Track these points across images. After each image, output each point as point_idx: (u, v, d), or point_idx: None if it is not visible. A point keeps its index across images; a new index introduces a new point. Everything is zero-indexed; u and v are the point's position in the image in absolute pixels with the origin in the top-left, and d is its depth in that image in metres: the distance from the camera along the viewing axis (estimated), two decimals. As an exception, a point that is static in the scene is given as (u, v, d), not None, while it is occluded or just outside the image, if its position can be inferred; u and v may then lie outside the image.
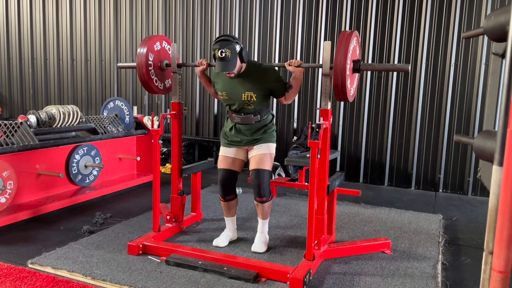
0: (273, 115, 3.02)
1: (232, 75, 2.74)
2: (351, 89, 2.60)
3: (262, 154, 2.88)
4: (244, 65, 2.77)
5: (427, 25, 4.77)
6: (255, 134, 2.91)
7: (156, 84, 3.12)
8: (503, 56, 1.30)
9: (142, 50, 2.97)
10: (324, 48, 2.64)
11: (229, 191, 3.00)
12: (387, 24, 4.91)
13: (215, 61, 2.72)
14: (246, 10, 5.60)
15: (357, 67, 2.55)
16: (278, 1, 5.41)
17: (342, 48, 2.41)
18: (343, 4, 5.08)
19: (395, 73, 4.96)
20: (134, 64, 3.04)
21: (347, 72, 2.44)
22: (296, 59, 5.12)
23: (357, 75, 2.71)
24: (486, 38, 4.51)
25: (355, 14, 5.03)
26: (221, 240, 3.03)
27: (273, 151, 2.96)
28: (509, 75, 1.01)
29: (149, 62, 3.02)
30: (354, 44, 2.52)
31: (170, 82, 3.27)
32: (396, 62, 4.95)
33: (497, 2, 4.49)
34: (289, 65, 2.76)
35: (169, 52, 3.21)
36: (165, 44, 3.15)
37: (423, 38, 4.80)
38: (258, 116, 2.88)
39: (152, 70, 3.06)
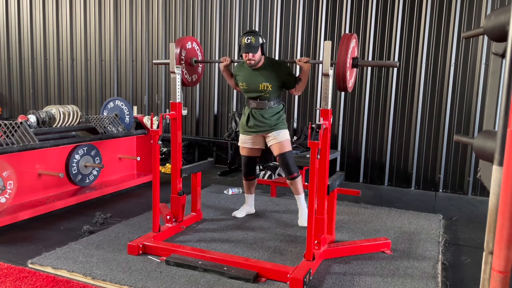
0: (283, 105, 3.51)
1: (253, 61, 3.24)
2: (350, 81, 2.88)
3: (281, 141, 3.40)
4: (263, 58, 3.33)
5: (427, 25, 4.77)
6: (269, 120, 3.39)
7: (186, 77, 3.46)
8: (503, 56, 1.30)
9: (176, 48, 3.31)
10: (324, 48, 2.68)
11: (250, 173, 3.63)
12: (387, 24, 4.91)
13: (240, 51, 3.26)
14: (246, 10, 5.60)
15: (355, 63, 2.86)
16: (278, 1, 5.41)
17: (343, 47, 2.70)
18: (343, 4, 5.08)
19: (395, 73, 4.95)
20: (168, 60, 3.35)
21: (347, 65, 2.69)
22: (297, 57, 5.21)
23: (355, 70, 3.01)
24: (486, 38, 4.51)
25: (355, 14, 5.03)
26: (240, 212, 3.69)
27: (288, 136, 3.46)
28: (509, 75, 1.01)
29: (182, 57, 3.36)
30: (353, 44, 2.80)
31: (196, 77, 3.63)
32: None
33: (497, 2, 4.49)
34: (299, 61, 3.23)
35: (198, 52, 3.57)
36: (194, 44, 3.54)
37: (423, 38, 4.80)
38: (271, 102, 3.39)
39: (184, 64, 3.40)
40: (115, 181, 4.57)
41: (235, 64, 3.56)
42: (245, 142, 3.53)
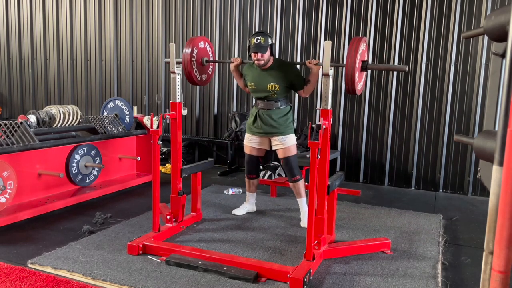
0: (291, 107, 3.52)
1: (261, 61, 3.27)
2: (359, 84, 2.86)
3: (287, 147, 3.43)
4: (272, 58, 3.35)
5: (427, 25, 4.77)
6: (276, 122, 3.40)
7: (196, 75, 3.42)
8: (503, 56, 1.30)
9: (188, 47, 3.34)
10: (325, 48, 2.68)
11: (252, 172, 3.68)
12: (387, 24, 4.91)
13: (249, 52, 3.28)
14: (246, 10, 5.60)
15: (365, 66, 2.84)
16: (278, 1, 5.41)
17: (353, 49, 2.70)
18: (343, 4, 5.08)
19: (395, 74, 4.96)
20: (180, 59, 3.38)
21: (356, 66, 2.68)
22: (297, 59, 5.23)
23: (364, 74, 2.99)
24: (486, 38, 4.51)
25: (355, 14, 5.03)
26: (239, 210, 3.74)
27: (294, 140, 3.50)
28: (509, 75, 1.01)
29: (193, 54, 3.35)
30: (363, 47, 2.80)
31: (206, 77, 3.58)
32: (396, 62, 4.94)
33: (497, 2, 4.49)
34: (309, 63, 3.23)
35: (209, 53, 3.55)
36: (206, 44, 3.53)
37: (423, 38, 4.80)
38: (279, 103, 3.41)
39: (195, 63, 3.39)
40: (115, 181, 4.57)
41: (245, 64, 3.58)
42: (250, 142, 3.57)
